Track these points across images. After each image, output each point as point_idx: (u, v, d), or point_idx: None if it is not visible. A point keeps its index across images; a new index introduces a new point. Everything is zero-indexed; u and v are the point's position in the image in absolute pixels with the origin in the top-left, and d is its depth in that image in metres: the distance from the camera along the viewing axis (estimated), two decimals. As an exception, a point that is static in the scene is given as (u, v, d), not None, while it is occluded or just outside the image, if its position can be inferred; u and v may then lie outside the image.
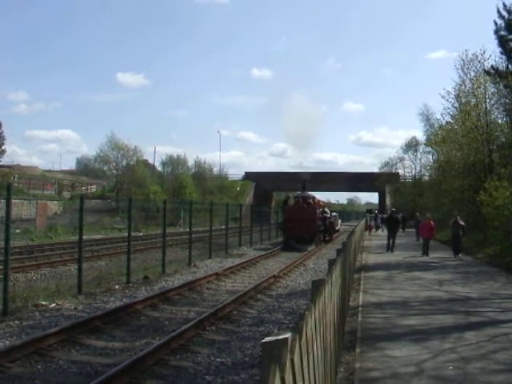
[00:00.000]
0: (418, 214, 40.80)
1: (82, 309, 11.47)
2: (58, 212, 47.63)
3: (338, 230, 43.31)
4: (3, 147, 60.48)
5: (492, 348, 7.74)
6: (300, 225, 28.90)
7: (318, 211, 31.60)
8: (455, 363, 6.91)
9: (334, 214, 41.46)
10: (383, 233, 32.47)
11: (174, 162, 72.49)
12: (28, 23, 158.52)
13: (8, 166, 60.90)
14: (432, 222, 24.32)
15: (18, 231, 29.73)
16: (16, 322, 10.04)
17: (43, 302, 11.70)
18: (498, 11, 21.76)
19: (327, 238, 34.96)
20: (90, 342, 8.70)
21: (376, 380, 6.30)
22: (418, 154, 68.92)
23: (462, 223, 23.19)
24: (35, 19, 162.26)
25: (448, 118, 37.64)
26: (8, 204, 10.77)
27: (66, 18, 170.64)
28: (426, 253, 23.43)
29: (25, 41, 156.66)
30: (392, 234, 26.46)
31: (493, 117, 32.60)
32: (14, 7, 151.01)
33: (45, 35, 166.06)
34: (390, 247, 25.91)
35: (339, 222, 47.87)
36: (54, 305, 11.66)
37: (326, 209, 35.55)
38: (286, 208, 33.26)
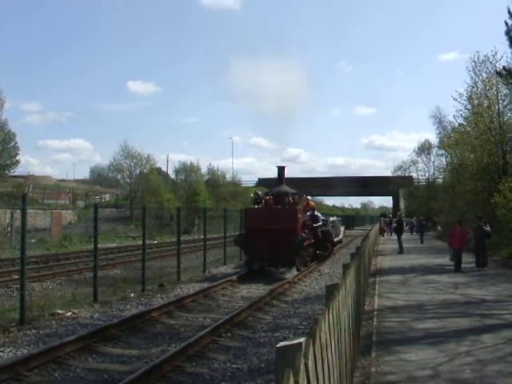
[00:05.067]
0: (434, 217, 40.43)
1: (98, 317, 11.55)
2: (73, 221, 47.99)
3: (340, 242, 32.25)
4: (17, 158, 60.97)
5: (509, 350, 7.68)
6: (271, 238, 18.43)
7: (301, 216, 20.34)
8: (472, 366, 6.87)
9: (332, 219, 32.05)
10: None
11: (187, 170, 72.52)
12: (39, 33, 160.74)
13: (22, 177, 61.50)
14: (463, 229, 19.90)
15: (33, 241, 30.00)
16: (33, 330, 10.14)
17: (59, 311, 11.80)
18: (509, 12, 21.67)
19: (325, 253, 24.61)
20: (107, 350, 8.76)
21: (392, 384, 6.28)
22: (431, 157, 68.28)
23: (487, 229, 19.24)
24: (46, 29, 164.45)
25: (460, 120, 37.28)
26: (23, 214, 10.89)
27: (76, 28, 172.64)
28: (458, 268, 18.39)
29: (36, 51, 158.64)
30: (399, 237, 29.31)
31: (506, 118, 32.30)
32: (24, 17, 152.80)
33: (55, 45, 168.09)
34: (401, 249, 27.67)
35: (342, 229, 35.83)
36: (70, 313, 11.75)
37: (316, 212, 23.51)
38: (247, 211, 21.48)
